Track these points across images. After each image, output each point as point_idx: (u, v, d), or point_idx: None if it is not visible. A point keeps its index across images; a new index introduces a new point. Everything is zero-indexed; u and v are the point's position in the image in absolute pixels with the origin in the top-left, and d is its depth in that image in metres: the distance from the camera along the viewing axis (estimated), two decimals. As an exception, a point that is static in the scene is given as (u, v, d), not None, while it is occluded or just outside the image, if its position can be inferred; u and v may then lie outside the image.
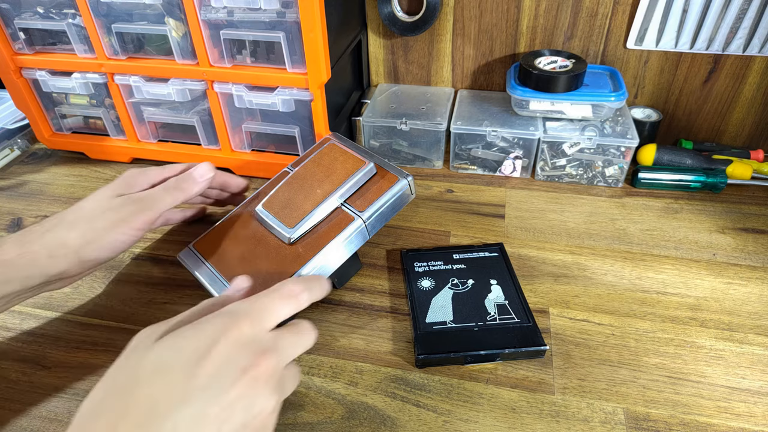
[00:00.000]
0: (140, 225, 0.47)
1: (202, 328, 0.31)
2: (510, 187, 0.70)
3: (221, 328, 0.31)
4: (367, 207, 0.50)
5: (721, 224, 0.63)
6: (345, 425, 0.43)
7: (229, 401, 0.29)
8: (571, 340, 0.49)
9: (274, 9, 0.59)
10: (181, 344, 0.30)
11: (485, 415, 0.43)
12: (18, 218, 0.67)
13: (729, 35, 0.69)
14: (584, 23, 0.73)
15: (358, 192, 0.51)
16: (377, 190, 0.51)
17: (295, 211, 0.50)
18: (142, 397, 0.28)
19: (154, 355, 0.30)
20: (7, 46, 0.69)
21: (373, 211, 0.50)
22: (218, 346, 0.30)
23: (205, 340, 0.30)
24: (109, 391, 0.29)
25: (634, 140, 0.66)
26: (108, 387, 0.30)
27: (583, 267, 0.57)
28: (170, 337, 0.31)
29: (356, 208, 0.50)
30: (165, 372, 0.29)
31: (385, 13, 0.76)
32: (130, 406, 0.28)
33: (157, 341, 0.31)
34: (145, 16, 0.64)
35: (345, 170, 0.51)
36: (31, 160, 0.79)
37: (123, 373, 0.30)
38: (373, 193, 0.51)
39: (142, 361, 0.30)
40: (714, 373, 0.46)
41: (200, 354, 0.29)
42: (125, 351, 0.32)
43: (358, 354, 0.49)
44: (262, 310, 0.33)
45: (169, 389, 0.28)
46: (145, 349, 0.31)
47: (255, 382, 0.30)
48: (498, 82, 0.81)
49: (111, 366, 0.31)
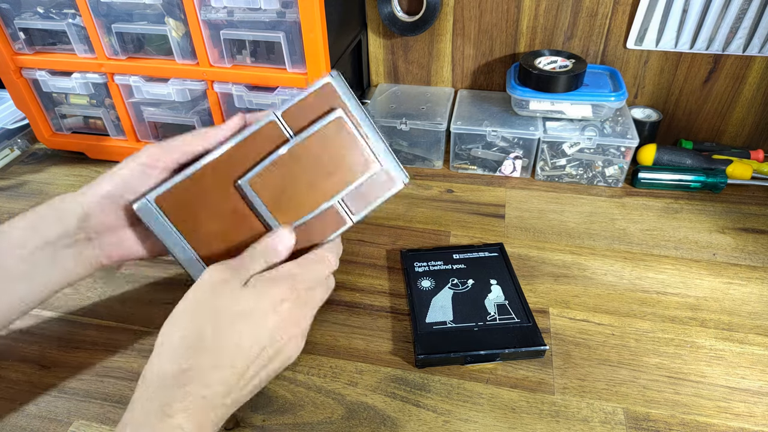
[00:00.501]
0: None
1: (276, 285, 0.38)
2: (510, 187, 0.70)
3: (287, 290, 0.38)
4: (362, 210, 0.47)
5: (721, 224, 0.63)
6: (345, 425, 0.43)
7: (279, 347, 0.37)
8: (571, 340, 0.49)
9: (274, 9, 0.59)
10: (262, 297, 0.37)
11: (485, 415, 0.43)
12: (18, 218, 0.67)
13: (729, 35, 0.69)
14: (584, 23, 0.73)
15: (356, 189, 0.48)
16: (375, 192, 0.48)
17: (292, 206, 0.45)
18: (235, 334, 0.35)
19: (244, 301, 0.37)
20: (7, 46, 0.69)
21: (367, 213, 0.48)
22: (284, 303, 0.37)
23: (278, 296, 0.37)
24: (202, 328, 0.36)
25: (634, 140, 0.66)
26: (200, 324, 0.36)
27: (583, 267, 0.57)
28: (254, 288, 0.37)
29: (351, 210, 0.47)
30: (249, 316, 0.36)
31: (385, 13, 0.76)
32: (223, 342, 0.35)
33: (244, 287, 0.37)
34: (145, 16, 0.64)
35: (352, 169, 0.45)
36: (31, 160, 0.79)
37: (215, 313, 0.36)
38: (369, 195, 0.47)
39: (235, 304, 0.36)
40: (714, 373, 0.46)
41: (274, 307, 0.37)
42: (207, 287, 0.38)
43: (358, 354, 0.49)
44: (313, 279, 0.40)
45: (252, 329, 0.36)
46: (234, 291, 0.37)
47: (301, 332, 0.39)
48: (498, 82, 0.81)
49: (193, 300, 0.37)
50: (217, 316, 0.36)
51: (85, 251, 0.46)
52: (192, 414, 0.33)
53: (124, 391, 0.45)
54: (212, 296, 0.37)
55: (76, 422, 0.43)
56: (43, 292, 0.45)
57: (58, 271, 0.45)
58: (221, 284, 0.38)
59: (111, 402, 0.45)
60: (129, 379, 0.46)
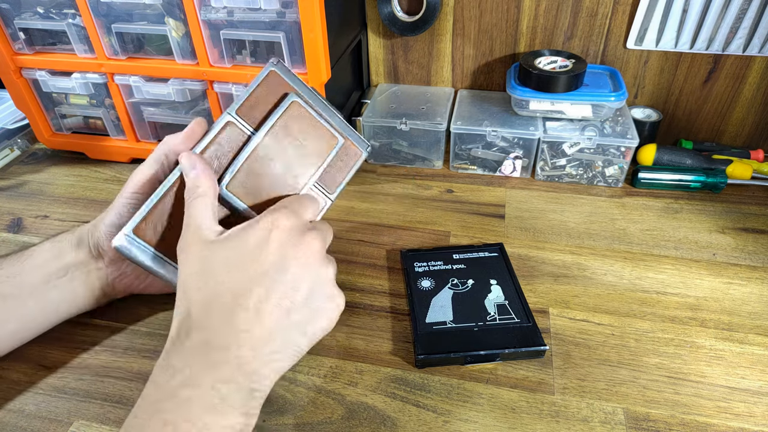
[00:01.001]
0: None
1: (256, 226, 0.37)
2: (510, 187, 0.70)
3: (270, 224, 0.37)
4: (337, 187, 0.47)
5: (721, 224, 0.63)
6: (345, 425, 0.43)
7: (291, 277, 0.36)
8: (571, 340, 0.49)
9: (274, 9, 0.59)
10: (243, 241, 0.37)
11: (485, 415, 0.43)
12: (18, 218, 0.67)
13: (729, 35, 0.69)
14: (584, 23, 0.73)
15: (326, 169, 0.47)
16: (343, 165, 0.47)
17: (271, 200, 0.44)
18: (225, 289, 0.35)
19: (223, 255, 0.37)
20: (7, 46, 0.69)
21: (341, 189, 0.48)
22: (272, 236, 0.37)
23: (261, 234, 0.37)
24: (194, 286, 0.36)
25: (634, 140, 0.66)
26: (192, 284, 0.36)
27: (583, 267, 0.57)
28: (230, 238, 0.37)
29: (327, 189, 0.47)
30: (236, 267, 0.36)
31: (385, 13, 0.76)
32: (218, 296, 0.35)
33: (217, 240, 0.37)
34: (145, 16, 0.64)
35: (319, 149, 0.46)
36: (31, 160, 0.79)
37: (201, 273, 0.37)
38: (339, 170, 0.47)
39: (214, 261, 0.36)
40: (714, 373, 0.46)
41: (260, 246, 0.36)
42: (188, 249, 0.38)
43: (358, 354, 0.49)
44: (296, 207, 0.40)
45: (243, 279, 0.36)
46: (210, 248, 0.37)
47: (308, 257, 0.38)
48: (498, 82, 0.81)
49: (182, 266, 0.38)
50: (205, 276, 0.36)
51: (95, 280, 0.48)
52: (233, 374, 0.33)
53: (124, 391, 0.45)
54: (195, 258, 0.38)
55: (76, 422, 0.43)
56: (53, 316, 0.48)
57: (70, 296, 0.47)
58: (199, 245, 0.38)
59: (111, 402, 0.45)
60: (129, 379, 0.46)
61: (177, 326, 0.36)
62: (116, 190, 0.71)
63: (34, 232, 0.64)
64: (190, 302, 0.36)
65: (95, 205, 0.69)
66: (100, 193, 0.71)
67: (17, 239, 0.63)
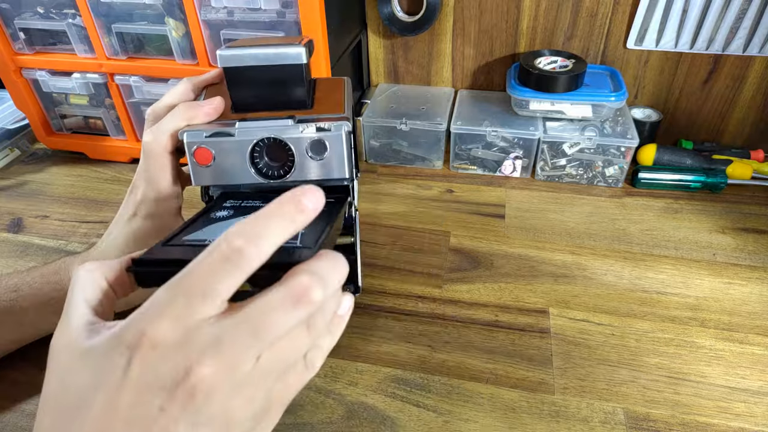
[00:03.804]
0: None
1: (117, 338, 0.23)
2: (510, 187, 0.70)
3: (133, 339, 0.22)
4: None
5: (721, 224, 0.63)
6: (345, 425, 0.43)
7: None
8: (571, 340, 0.49)
9: (274, 9, 0.59)
10: (99, 361, 0.23)
11: (485, 415, 0.43)
12: (18, 218, 0.67)
13: (729, 35, 0.69)
14: (584, 23, 0.73)
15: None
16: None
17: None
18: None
19: (80, 380, 0.24)
20: (7, 46, 0.69)
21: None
22: (132, 363, 0.22)
23: (115, 360, 0.23)
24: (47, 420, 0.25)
25: (634, 140, 0.66)
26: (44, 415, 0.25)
27: (583, 267, 0.57)
28: (93, 347, 0.24)
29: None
30: (83, 406, 0.23)
31: (385, 13, 0.76)
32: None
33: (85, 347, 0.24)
34: (145, 16, 0.64)
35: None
36: (31, 160, 0.79)
37: (54, 404, 0.25)
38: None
39: (69, 387, 0.24)
40: (714, 373, 0.46)
41: (109, 379, 0.22)
42: (53, 352, 0.25)
43: (358, 354, 0.49)
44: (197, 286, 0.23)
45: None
46: (73, 359, 0.24)
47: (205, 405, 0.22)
48: (498, 82, 0.81)
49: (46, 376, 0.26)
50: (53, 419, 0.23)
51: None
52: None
53: (124, 391, 0.45)
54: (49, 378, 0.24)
55: (76, 422, 0.43)
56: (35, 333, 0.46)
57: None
58: (61, 349, 0.24)
59: (111, 402, 0.45)
60: (129, 379, 0.46)
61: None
62: (116, 190, 0.72)
63: (34, 232, 0.64)
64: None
65: (95, 205, 0.69)
66: (100, 193, 0.71)
67: (17, 239, 0.63)
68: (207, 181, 0.38)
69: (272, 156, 0.38)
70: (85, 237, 0.63)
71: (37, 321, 0.44)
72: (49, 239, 0.63)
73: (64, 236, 0.64)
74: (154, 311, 0.22)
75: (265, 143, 0.37)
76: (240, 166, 0.37)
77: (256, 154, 0.37)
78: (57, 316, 0.25)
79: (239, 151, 0.37)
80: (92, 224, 0.66)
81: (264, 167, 0.38)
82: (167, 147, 0.39)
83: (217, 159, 0.37)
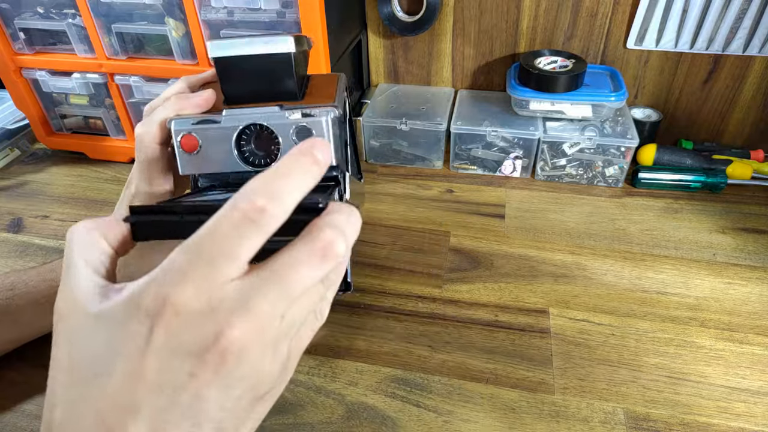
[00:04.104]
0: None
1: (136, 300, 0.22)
2: (510, 187, 0.70)
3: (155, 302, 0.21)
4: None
5: (721, 224, 0.63)
6: (345, 425, 0.43)
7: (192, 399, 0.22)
8: (571, 340, 0.49)
9: (274, 9, 0.59)
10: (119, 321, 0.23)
11: (485, 415, 0.43)
12: (18, 218, 0.67)
13: (729, 35, 0.69)
14: (584, 23, 0.73)
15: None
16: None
17: None
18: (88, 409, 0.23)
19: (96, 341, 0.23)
20: (7, 46, 0.69)
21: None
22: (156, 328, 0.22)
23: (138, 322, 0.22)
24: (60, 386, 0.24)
25: (634, 140, 0.66)
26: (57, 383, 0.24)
27: (583, 267, 0.57)
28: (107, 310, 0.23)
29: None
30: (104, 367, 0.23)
31: (385, 13, 0.76)
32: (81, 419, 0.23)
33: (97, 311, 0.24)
34: (145, 16, 0.64)
35: None
36: (31, 160, 0.79)
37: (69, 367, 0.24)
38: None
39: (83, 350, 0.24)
40: (714, 373, 0.46)
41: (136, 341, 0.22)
42: (62, 317, 0.25)
43: (358, 354, 0.49)
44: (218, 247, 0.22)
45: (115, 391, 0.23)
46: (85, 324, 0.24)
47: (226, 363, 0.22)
48: (498, 82, 0.81)
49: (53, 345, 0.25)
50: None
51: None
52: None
53: (124, 391, 0.45)
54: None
55: (76, 422, 0.43)
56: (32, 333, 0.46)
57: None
58: (68, 314, 0.24)
59: (111, 402, 0.45)
60: (129, 379, 0.46)
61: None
62: (116, 190, 0.72)
63: (34, 232, 0.64)
64: (52, 413, 0.22)
65: (95, 205, 0.69)
66: (100, 193, 0.71)
67: (17, 239, 0.63)
68: (193, 170, 0.38)
69: (259, 144, 0.38)
70: (85, 237, 0.63)
71: (34, 320, 0.44)
72: (49, 239, 0.63)
73: (64, 236, 0.63)
74: (174, 275, 0.21)
75: (251, 130, 0.37)
76: (226, 154, 0.37)
77: (243, 141, 0.37)
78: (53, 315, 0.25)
79: (225, 139, 0.37)
80: (92, 224, 0.66)
81: (250, 155, 0.38)
82: (157, 137, 0.39)
83: (203, 146, 0.37)
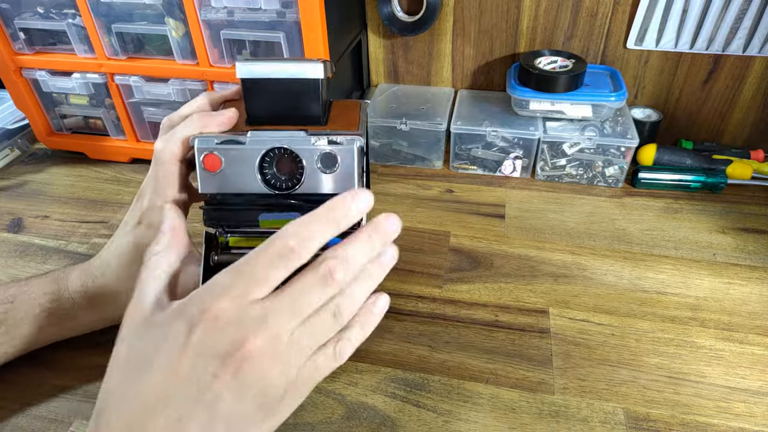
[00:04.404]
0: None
1: (181, 311, 0.28)
2: (510, 187, 0.70)
3: (195, 314, 0.27)
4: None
5: (721, 224, 0.63)
6: (345, 425, 0.43)
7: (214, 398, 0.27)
8: (571, 340, 0.49)
9: (274, 9, 0.59)
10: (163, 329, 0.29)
11: (485, 415, 0.43)
12: (18, 218, 0.67)
13: (729, 35, 0.69)
14: (584, 23, 0.73)
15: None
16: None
17: None
18: (138, 406, 0.28)
19: (146, 344, 0.29)
20: (7, 46, 0.69)
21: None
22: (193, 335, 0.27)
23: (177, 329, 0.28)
24: (115, 382, 0.30)
25: (634, 140, 0.66)
26: (113, 379, 0.31)
27: (583, 267, 0.57)
28: (157, 320, 0.29)
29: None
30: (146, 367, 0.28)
31: (385, 13, 0.76)
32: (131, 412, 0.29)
33: (151, 318, 0.30)
34: (145, 16, 0.64)
35: None
36: (31, 160, 0.79)
37: (125, 364, 0.30)
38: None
39: (138, 350, 0.30)
40: (714, 373, 0.46)
41: (171, 346, 0.27)
42: (125, 322, 0.30)
43: (358, 354, 0.48)
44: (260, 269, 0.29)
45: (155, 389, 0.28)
46: (141, 328, 0.30)
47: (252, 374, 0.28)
48: (498, 82, 0.81)
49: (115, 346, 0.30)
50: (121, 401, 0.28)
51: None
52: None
53: (124, 391, 0.45)
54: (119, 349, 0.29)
55: (76, 422, 0.43)
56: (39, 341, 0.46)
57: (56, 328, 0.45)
58: (131, 321, 0.30)
59: (111, 402, 0.45)
60: (129, 379, 0.46)
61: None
62: (116, 190, 0.72)
63: (34, 232, 0.64)
64: (105, 402, 0.28)
65: (95, 205, 0.69)
66: (100, 193, 0.71)
67: (17, 239, 0.63)
68: (213, 189, 0.38)
69: (281, 167, 0.38)
70: (85, 237, 0.63)
71: (30, 332, 0.44)
72: (49, 239, 0.63)
73: (64, 236, 0.64)
74: (217, 290, 0.26)
75: (275, 153, 0.37)
76: (248, 175, 0.37)
77: (266, 164, 0.37)
78: (52, 327, 0.31)
79: (249, 160, 0.37)
80: (92, 224, 0.66)
81: (272, 178, 0.37)
82: (177, 154, 0.39)
83: (225, 166, 0.37)
